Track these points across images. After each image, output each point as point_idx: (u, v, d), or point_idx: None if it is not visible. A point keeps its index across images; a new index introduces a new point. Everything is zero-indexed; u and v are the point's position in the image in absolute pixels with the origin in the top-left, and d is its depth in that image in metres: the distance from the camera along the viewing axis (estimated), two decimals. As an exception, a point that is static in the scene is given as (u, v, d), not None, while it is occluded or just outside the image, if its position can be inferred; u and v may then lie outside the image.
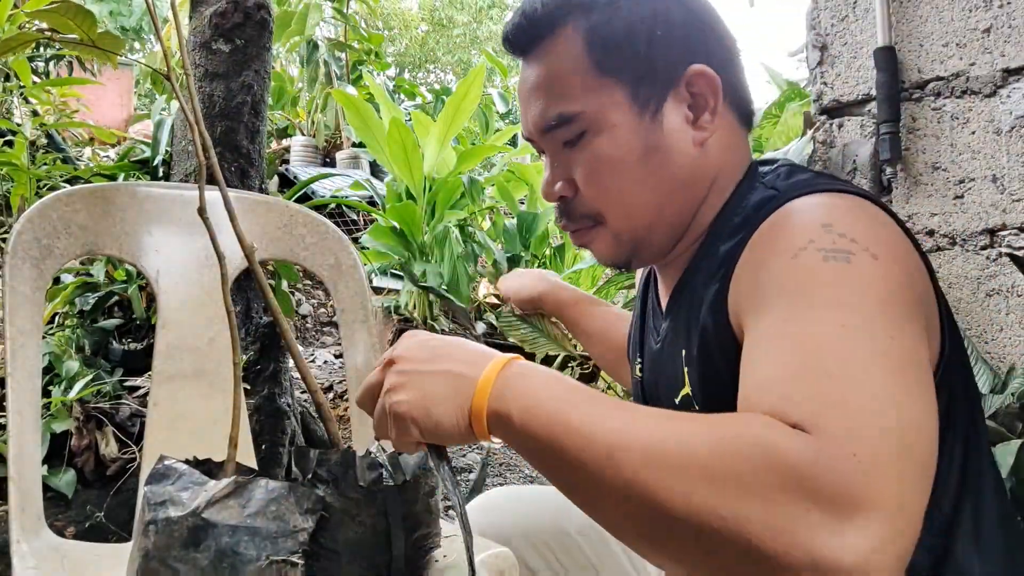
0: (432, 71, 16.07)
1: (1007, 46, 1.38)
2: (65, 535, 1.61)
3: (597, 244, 0.79)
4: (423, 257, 3.60)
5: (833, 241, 0.60)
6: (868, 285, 0.58)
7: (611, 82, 0.73)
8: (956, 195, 1.45)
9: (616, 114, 0.73)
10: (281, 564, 0.65)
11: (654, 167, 0.74)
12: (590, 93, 0.73)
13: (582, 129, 0.74)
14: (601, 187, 0.75)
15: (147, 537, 0.64)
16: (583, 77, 0.73)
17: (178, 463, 0.68)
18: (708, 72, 0.74)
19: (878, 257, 0.60)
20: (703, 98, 0.74)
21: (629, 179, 0.74)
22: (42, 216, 1.10)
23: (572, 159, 0.76)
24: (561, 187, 0.77)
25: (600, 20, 0.73)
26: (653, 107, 0.73)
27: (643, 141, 0.73)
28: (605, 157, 0.74)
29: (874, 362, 0.54)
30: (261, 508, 0.65)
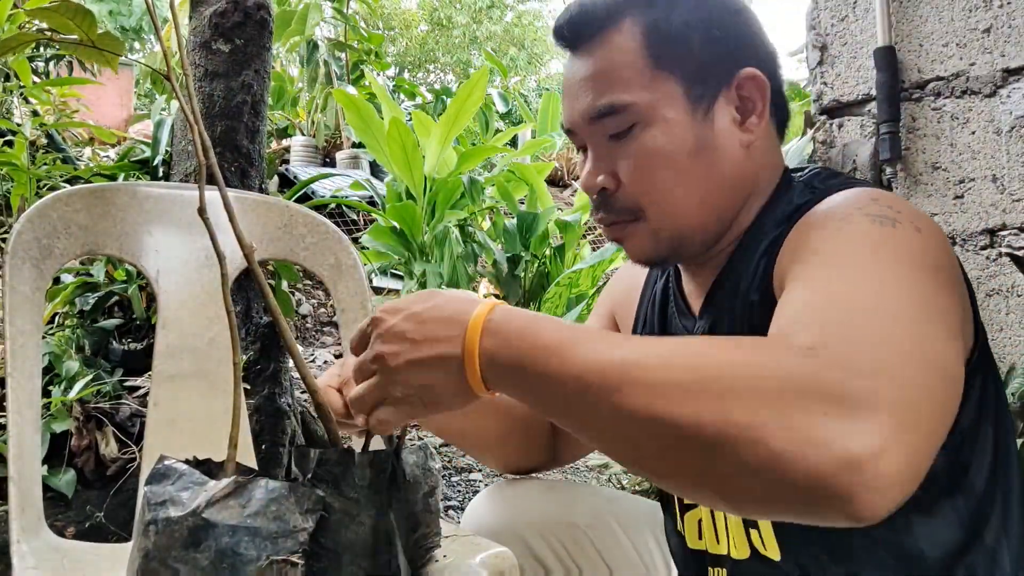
0: (432, 71, 16.07)
1: (1007, 46, 1.38)
2: (65, 535, 1.61)
3: (634, 240, 0.78)
4: (423, 257, 3.60)
5: (880, 210, 0.63)
6: (911, 249, 0.60)
7: (667, 76, 0.73)
8: (956, 195, 1.45)
9: (669, 109, 0.73)
10: (281, 564, 0.65)
11: (703, 165, 0.74)
12: (645, 85, 0.73)
13: (632, 121, 0.73)
14: (647, 181, 0.74)
15: (147, 537, 0.64)
16: (639, 69, 0.73)
17: (178, 463, 0.68)
18: (759, 76, 0.74)
19: (921, 231, 0.62)
20: (751, 101, 0.75)
21: (676, 175, 0.74)
22: (42, 216, 1.10)
23: (618, 151, 0.75)
24: (604, 179, 0.76)
25: (659, 16, 0.74)
26: (705, 105, 0.74)
27: (694, 138, 0.73)
28: (655, 150, 0.73)
29: (907, 308, 0.55)
30: (261, 508, 0.65)
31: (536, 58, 16.43)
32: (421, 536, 0.78)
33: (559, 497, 1.05)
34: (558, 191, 6.47)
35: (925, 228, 0.63)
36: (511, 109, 6.98)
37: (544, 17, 17.58)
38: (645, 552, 1.02)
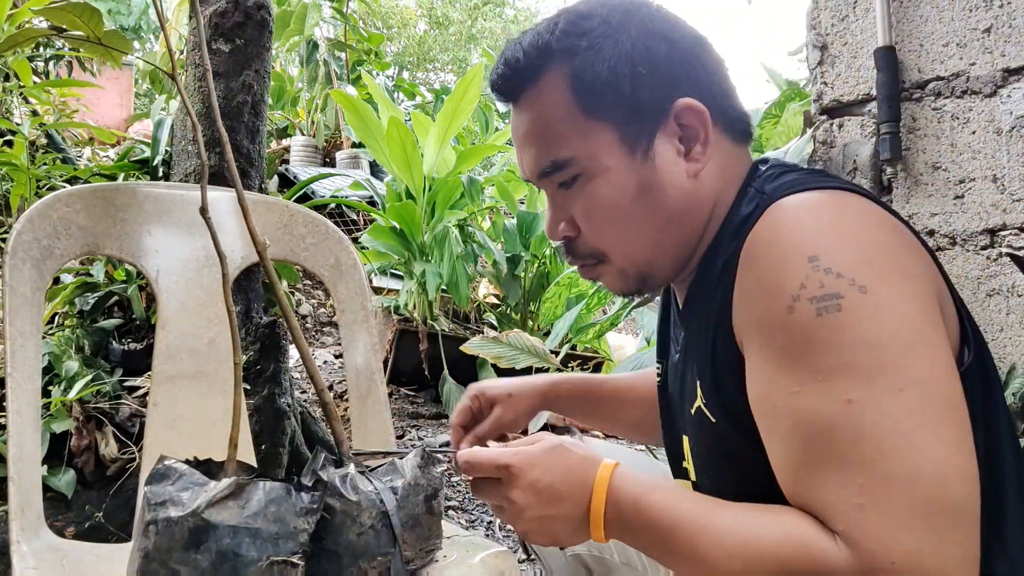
0: (431, 70, 16.06)
1: (1007, 46, 1.38)
2: (65, 535, 1.61)
3: (605, 279, 0.81)
4: (423, 257, 3.60)
5: (821, 284, 0.62)
6: (863, 333, 0.60)
7: (599, 125, 0.74)
8: (956, 195, 1.45)
9: (607, 157, 0.74)
10: (282, 565, 0.65)
11: (650, 204, 0.75)
12: (579, 138, 0.74)
13: (576, 173, 0.75)
14: (600, 228, 0.77)
15: (147, 538, 0.64)
16: (571, 122, 0.74)
17: (178, 463, 0.68)
18: (695, 104, 0.74)
19: (866, 289, 0.61)
20: (693, 130, 0.75)
21: (626, 219, 0.75)
22: (42, 216, 1.10)
23: (570, 200, 0.77)
24: (564, 228, 0.79)
25: (582, 64, 0.73)
26: (644, 145, 0.74)
27: (637, 180, 0.74)
28: (601, 200, 0.75)
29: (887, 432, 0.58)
30: (261, 509, 0.65)
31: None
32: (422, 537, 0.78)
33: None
34: (558, 191, 6.46)
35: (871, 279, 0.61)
36: (511, 109, 6.97)
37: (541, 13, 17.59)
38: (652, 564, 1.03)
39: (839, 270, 0.62)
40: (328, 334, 4.15)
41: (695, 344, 0.78)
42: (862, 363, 0.60)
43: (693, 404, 0.78)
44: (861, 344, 0.60)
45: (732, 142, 0.79)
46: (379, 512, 0.71)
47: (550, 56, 0.74)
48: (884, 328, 0.60)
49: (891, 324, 0.61)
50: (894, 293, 0.62)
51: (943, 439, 0.58)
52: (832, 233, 0.64)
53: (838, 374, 0.60)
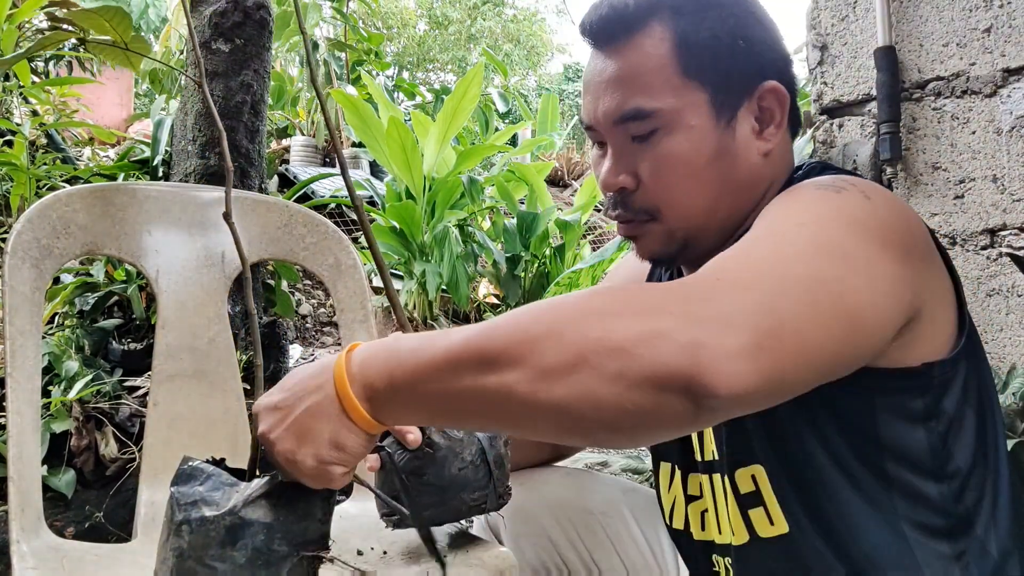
0: (431, 70, 16.07)
1: (1007, 46, 1.38)
2: (64, 535, 1.61)
3: (647, 239, 0.81)
4: (423, 257, 3.60)
5: (832, 181, 0.66)
6: (850, 211, 0.62)
7: (694, 84, 0.75)
8: (956, 195, 1.45)
9: (694, 116, 0.75)
10: (312, 559, 0.67)
11: (721, 171, 0.76)
12: (672, 92, 0.75)
13: (656, 126, 0.75)
14: (667, 184, 0.77)
15: (180, 537, 0.65)
16: (667, 76, 0.75)
17: (204, 463, 0.70)
18: (780, 89, 0.77)
19: (871, 198, 0.64)
20: (771, 112, 0.77)
21: (696, 180, 0.76)
22: (42, 216, 1.10)
23: (640, 153, 0.77)
24: (625, 179, 0.78)
25: (689, 25, 0.75)
26: (728, 114, 0.76)
27: (715, 145, 0.75)
28: (677, 156, 0.75)
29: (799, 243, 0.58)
30: (292, 505, 0.67)
31: (533, 52, 16.44)
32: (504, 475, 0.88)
33: (576, 483, 1.07)
34: (558, 191, 6.47)
35: (878, 198, 0.65)
36: (511, 108, 6.98)
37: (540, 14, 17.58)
38: (656, 544, 1.03)
39: (854, 183, 0.66)
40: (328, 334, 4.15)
41: None
42: (833, 219, 0.61)
43: None
44: (842, 213, 0.62)
45: (788, 134, 0.82)
46: (478, 448, 0.77)
47: (660, 8, 0.76)
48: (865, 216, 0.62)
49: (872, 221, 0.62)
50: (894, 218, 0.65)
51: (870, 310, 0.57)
52: (860, 180, 0.69)
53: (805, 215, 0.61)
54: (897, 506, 0.70)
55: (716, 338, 0.48)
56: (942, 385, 0.70)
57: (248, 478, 0.70)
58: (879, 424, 0.69)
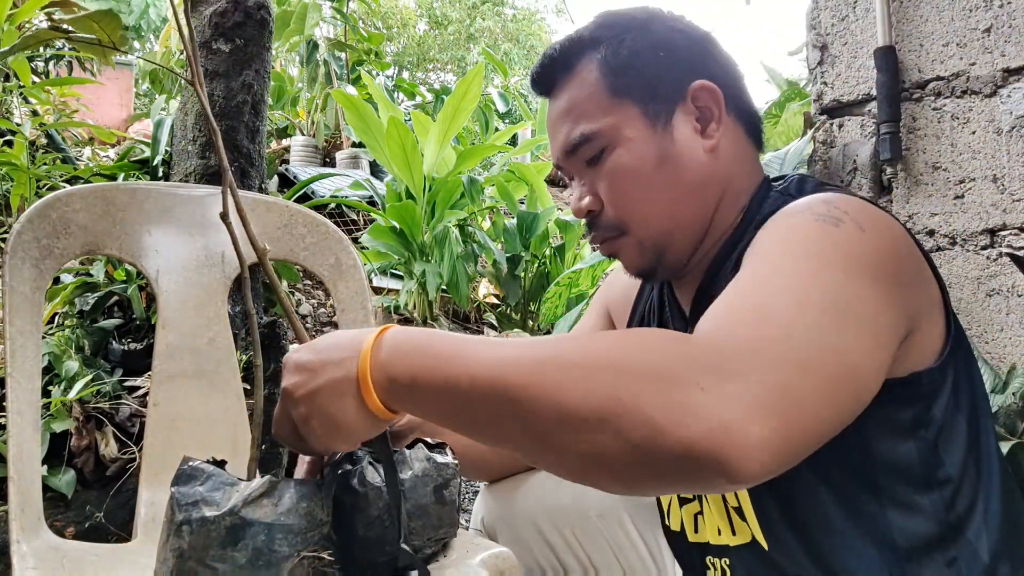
0: (431, 70, 16.06)
1: (1007, 46, 1.38)
2: (65, 535, 1.61)
3: (624, 253, 0.84)
4: (423, 257, 3.60)
5: (827, 210, 0.67)
6: (846, 246, 0.63)
7: (624, 102, 0.80)
8: (956, 195, 1.45)
9: (630, 129, 0.80)
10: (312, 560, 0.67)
11: (668, 173, 0.80)
12: (607, 113, 0.81)
13: (602, 146, 0.81)
14: (622, 196, 0.81)
15: (180, 537, 0.65)
16: (599, 100, 0.81)
17: (204, 464, 0.69)
18: (708, 84, 0.81)
19: (865, 230, 0.66)
20: (708, 109, 0.81)
21: (646, 186, 0.80)
22: (42, 216, 1.10)
23: (596, 176, 0.82)
24: (588, 202, 0.83)
25: (610, 50, 0.81)
26: (663, 120, 0.80)
27: (656, 150, 0.80)
28: (623, 168, 0.80)
29: (817, 303, 0.57)
30: (293, 506, 0.67)
31: (533, 52, 16.43)
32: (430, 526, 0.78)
33: (574, 486, 1.06)
34: (558, 191, 6.46)
35: (871, 228, 0.66)
36: (511, 109, 6.98)
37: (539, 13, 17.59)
38: (654, 547, 1.03)
39: (848, 210, 0.67)
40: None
41: None
42: (832, 257, 0.62)
43: None
44: (840, 247, 0.63)
45: (745, 134, 0.85)
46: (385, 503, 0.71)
47: (582, 46, 0.83)
48: (864, 253, 0.63)
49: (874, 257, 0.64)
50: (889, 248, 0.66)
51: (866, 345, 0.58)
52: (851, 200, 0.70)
53: (804, 255, 0.62)
54: (888, 518, 0.71)
55: (743, 425, 0.48)
56: (931, 393, 0.71)
57: (248, 478, 0.70)
58: (869, 437, 0.70)
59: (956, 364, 0.73)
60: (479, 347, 0.57)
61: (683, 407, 0.49)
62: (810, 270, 0.61)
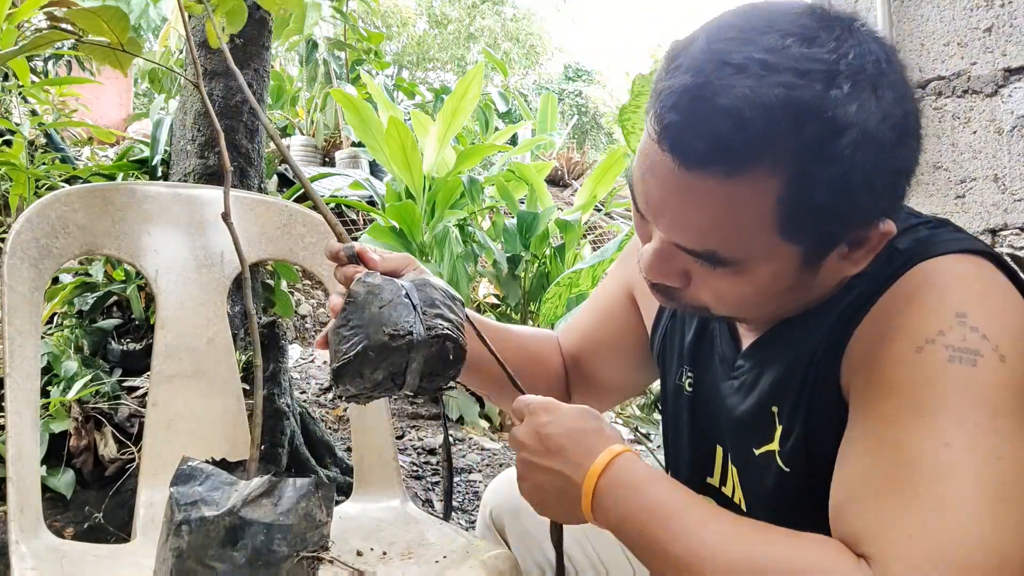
0: (431, 69, 16.06)
1: (1008, 45, 1.38)
2: (64, 536, 1.61)
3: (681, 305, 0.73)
4: (423, 257, 3.60)
5: (963, 337, 0.59)
6: (988, 393, 0.58)
7: (788, 246, 0.62)
8: (957, 195, 1.45)
9: (778, 264, 0.64)
10: (311, 560, 0.67)
11: (791, 293, 0.68)
12: (760, 249, 0.62)
13: (730, 264, 0.64)
14: (725, 305, 0.69)
15: (180, 537, 0.65)
16: (758, 232, 0.61)
17: (203, 464, 0.69)
18: (891, 231, 0.63)
19: (1006, 359, 0.59)
20: (869, 243, 0.64)
21: (758, 302, 0.69)
22: (41, 216, 1.09)
23: (699, 271, 0.67)
24: (673, 280, 0.69)
25: (803, 175, 0.58)
26: (819, 259, 0.65)
27: (792, 281, 0.66)
28: (744, 291, 0.66)
29: (971, 487, 0.55)
30: (292, 506, 0.67)
31: (532, 51, 16.43)
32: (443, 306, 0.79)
33: None
34: (558, 191, 6.46)
35: (1012, 350, 0.59)
36: (511, 108, 6.97)
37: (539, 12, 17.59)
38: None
39: (985, 332, 0.59)
40: (328, 334, 4.14)
41: (777, 382, 0.74)
42: (974, 418, 0.56)
43: (762, 446, 0.76)
44: (982, 402, 0.57)
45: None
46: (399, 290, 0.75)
47: (776, 150, 0.57)
48: (1008, 400, 0.58)
49: (1015, 403, 0.58)
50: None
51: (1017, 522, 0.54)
52: (983, 298, 0.62)
53: (945, 416, 0.57)
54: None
55: None
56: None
57: (248, 478, 0.70)
58: None
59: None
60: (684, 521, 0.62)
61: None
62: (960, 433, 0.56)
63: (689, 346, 0.89)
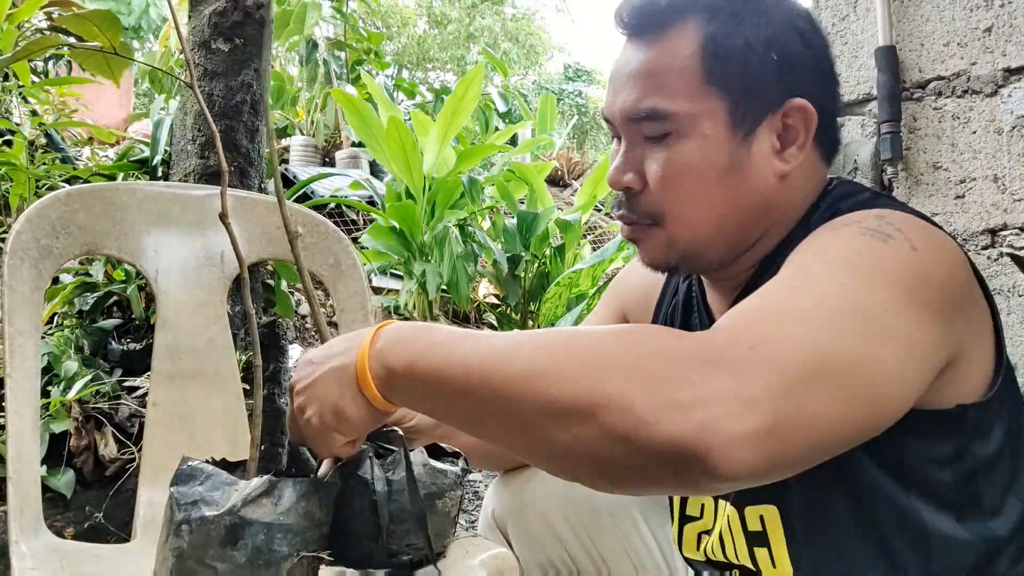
0: (431, 69, 16.06)
1: (1008, 45, 1.38)
2: (64, 536, 1.61)
3: (647, 244, 0.78)
4: (423, 257, 3.60)
5: (878, 225, 0.63)
6: (893, 264, 0.60)
7: (714, 92, 0.71)
8: (957, 195, 1.45)
9: (710, 124, 0.72)
10: (311, 559, 0.67)
11: (730, 186, 0.73)
12: (690, 97, 0.71)
13: (670, 129, 0.72)
14: (672, 191, 0.74)
15: (180, 537, 0.65)
16: (688, 79, 0.71)
17: (203, 464, 0.69)
18: (808, 108, 0.72)
19: (917, 249, 0.61)
20: (795, 131, 0.73)
21: (702, 191, 0.73)
22: (41, 216, 1.09)
23: (650, 154, 0.74)
24: (632, 178, 0.75)
25: (722, 28, 0.71)
26: (747, 127, 0.72)
27: (728, 158, 0.72)
28: (685, 163, 0.72)
29: (844, 312, 0.55)
30: (292, 505, 0.67)
31: (532, 51, 16.43)
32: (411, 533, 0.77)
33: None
34: (558, 191, 6.46)
35: (925, 249, 0.62)
36: (511, 108, 6.97)
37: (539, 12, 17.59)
38: (666, 544, 1.02)
39: (900, 227, 0.63)
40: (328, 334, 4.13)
41: None
42: (876, 277, 0.58)
43: None
44: (886, 268, 0.59)
45: (821, 159, 0.78)
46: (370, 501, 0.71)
47: (697, 7, 0.72)
48: (909, 275, 0.60)
49: (923, 281, 0.60)
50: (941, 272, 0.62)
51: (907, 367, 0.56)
52: (905, 217, 0.66)
53: (848, 268, 0.58)
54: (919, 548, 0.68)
55: (730, 421, 0.47)
56: (976, 427, 0.67)
57: (248, 477, 0.70)
58: (907, 465, 0.67)
59: (1005, 398, 0.69)
60: (476, 339, 0.57)
61: (670, 402, 0.47)
62: (842, 280, 0.57)
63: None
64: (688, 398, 0.47)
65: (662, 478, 0.50)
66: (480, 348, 0.56)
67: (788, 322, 0.53)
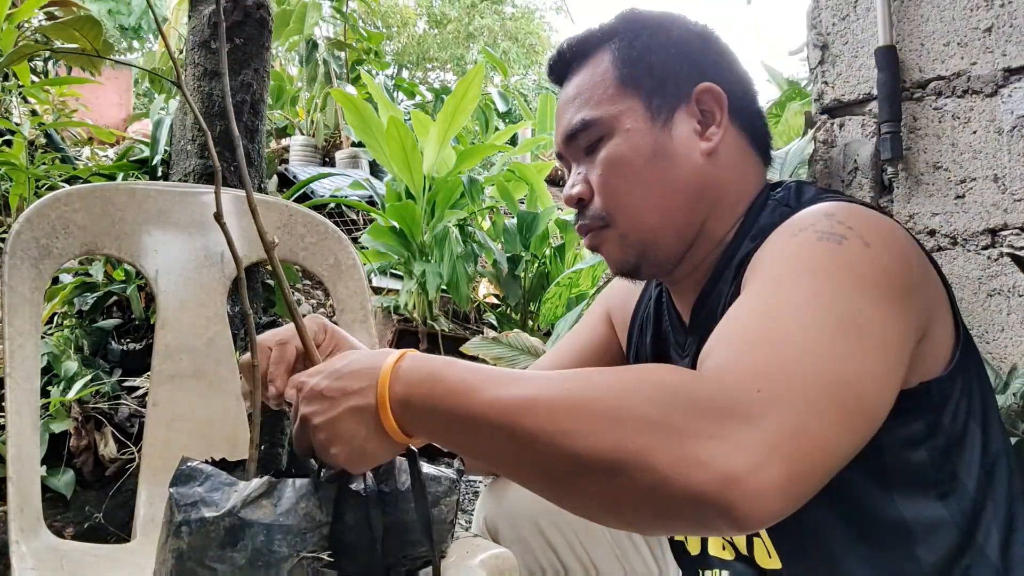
0: (430, 69, 16.05)
1: (1008, 45, 1.38)
2: (64, 536, 1.61)
3: (607, 246, 0.84)
4: (423, 257, 3.60)
5: (830, 226, 0.66)
6: (853, 264, 0.63)
7: (630, 92, 0.81)
8: (957, 195, 1.44)
9: (631, 119, 0.80)
10: (311, 560, 0.67)
11: (660, 169, 0.80)
12: (610, 102, 0.81)
13: (600, 135, 0.81)
14: (612, 186, 0.81)
15: (179, 538, 0.65)
16: (606, 89, 0.82)
17: (203, 464, 0.69)
18: (714, 88, 0.81)
19: (870, 244, 0.65)
20: (710, 112, 0.81)
21: (637, 179, 0.80)
22: (40, 216, 1.09)
23: (591, 164, 0.83)
24: (579, 190, 0.84)
25: (624, 43, 0.83)
26: (665, 115, 0.81)
27: (652, 145, 0.80)
28: (616, 158, 0.80)
29: (827, 327, 0.57)
30: (292, 506, 0.67)
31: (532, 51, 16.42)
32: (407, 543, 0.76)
33: None
34: (558, 191, 6.46)
35: (876, 241, 0.65)
36: (511, 108, 6.97)
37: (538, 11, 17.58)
38: (657, 548, 1.03)
39: (851, 225, 0.66)
40: (328, 334, 4.13)
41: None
42: (842, 279, 0.61)
43: None
44: (848, 268, 0.62)
45: (748, 144, 0.84)
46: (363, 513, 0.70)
47: (600, 38, 0.85)
48: (869, 271, 0.62)
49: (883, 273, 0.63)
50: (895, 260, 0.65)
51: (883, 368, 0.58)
52: (850, 208, 0.69)
53: (813, 277, 0.61)
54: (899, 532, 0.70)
55: (752, 474, 0.48)
56: (942, 402, 0.70)
57: (247, 478, 0.70)
58: (883, 451, 0.68)
59: (966, 369, 0.72)
60: (494, 384, 0.58)
61: (691, 457, 0.49)
62: (816, 295, 0.59)
63: (651, 347, 0.95)
64: (708, 453, 0.49)
65: (688, 527, 0.52)
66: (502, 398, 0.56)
67: (785, 357, 0.54)
